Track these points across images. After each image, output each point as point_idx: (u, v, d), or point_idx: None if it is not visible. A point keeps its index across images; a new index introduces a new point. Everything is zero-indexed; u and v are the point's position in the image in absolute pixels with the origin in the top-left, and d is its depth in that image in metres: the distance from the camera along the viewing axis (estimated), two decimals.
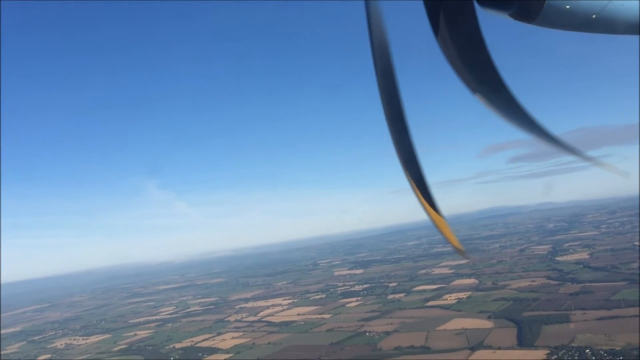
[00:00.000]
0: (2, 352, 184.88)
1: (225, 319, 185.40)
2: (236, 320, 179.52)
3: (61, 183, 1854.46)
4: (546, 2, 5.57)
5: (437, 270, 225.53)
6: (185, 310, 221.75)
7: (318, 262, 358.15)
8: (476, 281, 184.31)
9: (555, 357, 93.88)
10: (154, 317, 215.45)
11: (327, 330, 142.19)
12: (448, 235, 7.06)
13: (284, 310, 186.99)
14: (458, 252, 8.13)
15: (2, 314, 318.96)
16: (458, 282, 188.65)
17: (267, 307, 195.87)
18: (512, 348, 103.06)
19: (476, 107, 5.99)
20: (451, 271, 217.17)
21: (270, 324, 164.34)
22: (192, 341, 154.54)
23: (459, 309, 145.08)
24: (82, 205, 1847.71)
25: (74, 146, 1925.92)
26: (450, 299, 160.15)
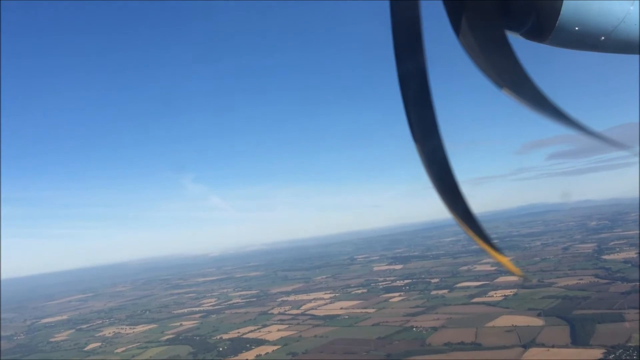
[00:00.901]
0: (53, 339, 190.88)
1: (269, 312, 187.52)
2: (279, 313, 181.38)
3: (101, 176, 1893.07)
4: (558, 21, 5.60)
5: (479, 267, 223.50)
6: (228, 302, 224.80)
7: (355, 257, 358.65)
8: (521, 278, 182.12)
9: (612, 356, 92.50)
10: (197, 309, 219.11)
11: (373, 325, 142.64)
12: (507, 264, 6.70)
13: (326, 304, 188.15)
14: (518, 276, 8.21)
15: (47, 303, 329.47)
16: (502, 279, 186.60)
17: (309, 301, 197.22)
18: (566, 346, 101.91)
19: (515, 103, 5.93)
20: (494, 268, 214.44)
21: (314, 317, 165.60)
22: (238, 332, 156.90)
23: (506, 305, 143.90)
24: (121, 198, 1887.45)
25: (114, 142, 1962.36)
26: (496, 295, 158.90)
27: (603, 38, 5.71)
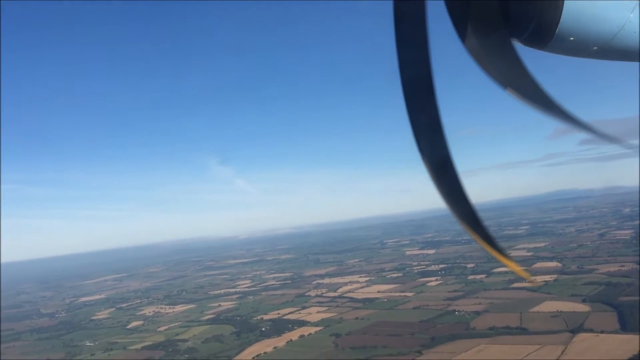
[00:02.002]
0: (95, 317, 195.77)
1: (306, 294, 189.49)
2: (317, 296, 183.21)
3: (129, 159, 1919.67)
4: (558, 27, 5.57)
5: (514, 253, 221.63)
6: (263, 284, 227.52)
7: (385, 241, 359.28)
8: (559, 264, 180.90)
9: None
10: (232, 290, 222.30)
11: (414, 308, 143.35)
12: (511, 266, 6.67)
13: (362, 287, 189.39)
14: (524, 277, 8.12)
15: (83, 282, 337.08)
16: (540, 264, 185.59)
17: (345, 284, 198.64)
18: (615, 332, 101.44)
19: (548, 88, 5.73)
20: (529, 254, 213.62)
21: (352, 299, 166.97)
22: (278, 313, 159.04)
23: (548, 291, 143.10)
24: (148, 181, 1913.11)
25: (143, 126, 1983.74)
26: (536, 281, 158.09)
27: (603, 45, 5.71)
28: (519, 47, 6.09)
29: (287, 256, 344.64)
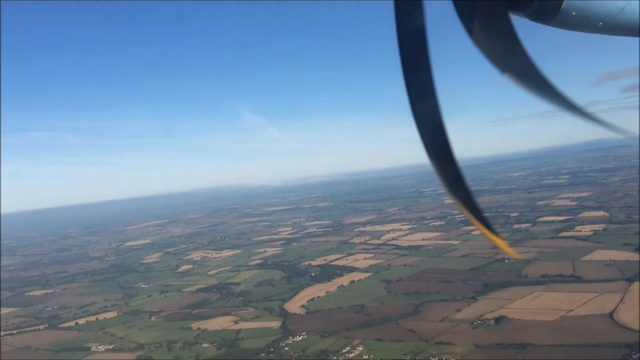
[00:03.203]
0: (144, 261, 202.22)
1: (349, 241, 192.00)
2: (361, 243, 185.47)
3: (161, 106, 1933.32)
4: (564, 2, 5.38)
5: (557, 202, 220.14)
6: (304, 232, 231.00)
7: (421, 189, 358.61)
8: (607, 214, 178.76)
9: None
10: (275, 236, 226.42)
11: (462, 256, 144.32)
12: (504, 248, 6.57)
13: (406, 235, 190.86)
14: (514, 257, 7.71)
15: (126, 228, 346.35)
16: (586, 214, 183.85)
17: (387, 232, 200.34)
18: None
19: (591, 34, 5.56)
20: (574, 203, 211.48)
21: (397, 247, 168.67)
22: (325, 259, 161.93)
23: (598, 240, 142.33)
24: (182, 129, 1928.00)
25: (178, 75, 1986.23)
26: (585, 230, 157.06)
27: (610, 20, 5.56)
28: (524, 22, 6.00)
29: (324, 204, 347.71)
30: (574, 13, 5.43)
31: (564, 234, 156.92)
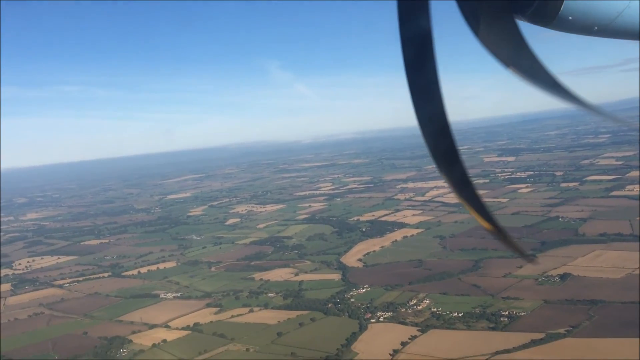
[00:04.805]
0: (190, 214, 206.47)
1: (393, 197, 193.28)
2: (406, 199, 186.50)
3: (187, 62, 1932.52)
4: (563, 5, 5.28)
5: (602, 161, 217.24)
6: (346, 187, 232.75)
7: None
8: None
9: None
10: (317, 192, 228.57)
11: (513, 214, 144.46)
12: (511, 246, 6.18)
13: (450, 192, 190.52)
14: (523, 257, 7.35)
15: (164, 181, 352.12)
16: (635, 173, 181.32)
17: (430, 189, 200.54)
18: None
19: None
20: (619, 162, 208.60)
21: (444, 204, 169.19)
22: (372, 215, 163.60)
23: None
24: (209, 84, 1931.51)
25: (201, 28, 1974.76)
26: (637, 190, 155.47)
27: (609, 24, 5.50)
28: (523, 24, 5.91)
29: (359, 161, 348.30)
30: (575, 16, 5.39)
31: (615, 193, 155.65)
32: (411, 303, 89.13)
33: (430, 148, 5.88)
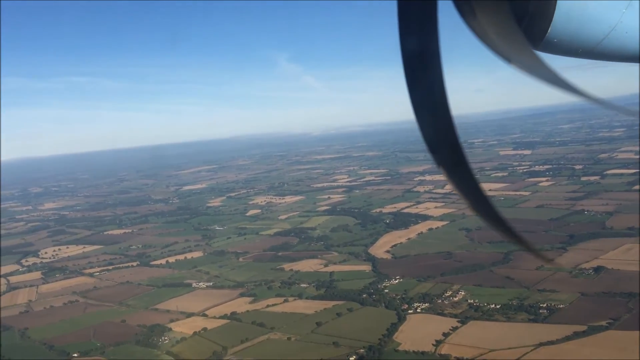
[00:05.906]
0: (210, 204, 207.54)
1: (413, 190, 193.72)
2: (426, 192, 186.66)
3: (196, 53, 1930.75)
4: (550, 28, 5.28)
5: (621, 155, 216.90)
6: (363, 180, 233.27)
7: (469, 141, 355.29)
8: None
9: None
10: (334, 184, 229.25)
11: (537, 207, 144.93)
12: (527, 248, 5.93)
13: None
14: (543, 259, 7.39)
15: (178, 172, 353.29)
16: None
17: None
18: None
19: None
20: (637, 156, 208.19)
21: None
22: (394, 207, 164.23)
23: None
24: (217, 76, 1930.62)
25: (209, 19, 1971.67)
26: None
27: (595, 46, 5.53)
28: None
29: (373, 153, 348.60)
30: (561, 38, 5.36)
31: (636, 187, 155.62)
32: (447, 294, 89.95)
33: (432, 151, 5.37)
